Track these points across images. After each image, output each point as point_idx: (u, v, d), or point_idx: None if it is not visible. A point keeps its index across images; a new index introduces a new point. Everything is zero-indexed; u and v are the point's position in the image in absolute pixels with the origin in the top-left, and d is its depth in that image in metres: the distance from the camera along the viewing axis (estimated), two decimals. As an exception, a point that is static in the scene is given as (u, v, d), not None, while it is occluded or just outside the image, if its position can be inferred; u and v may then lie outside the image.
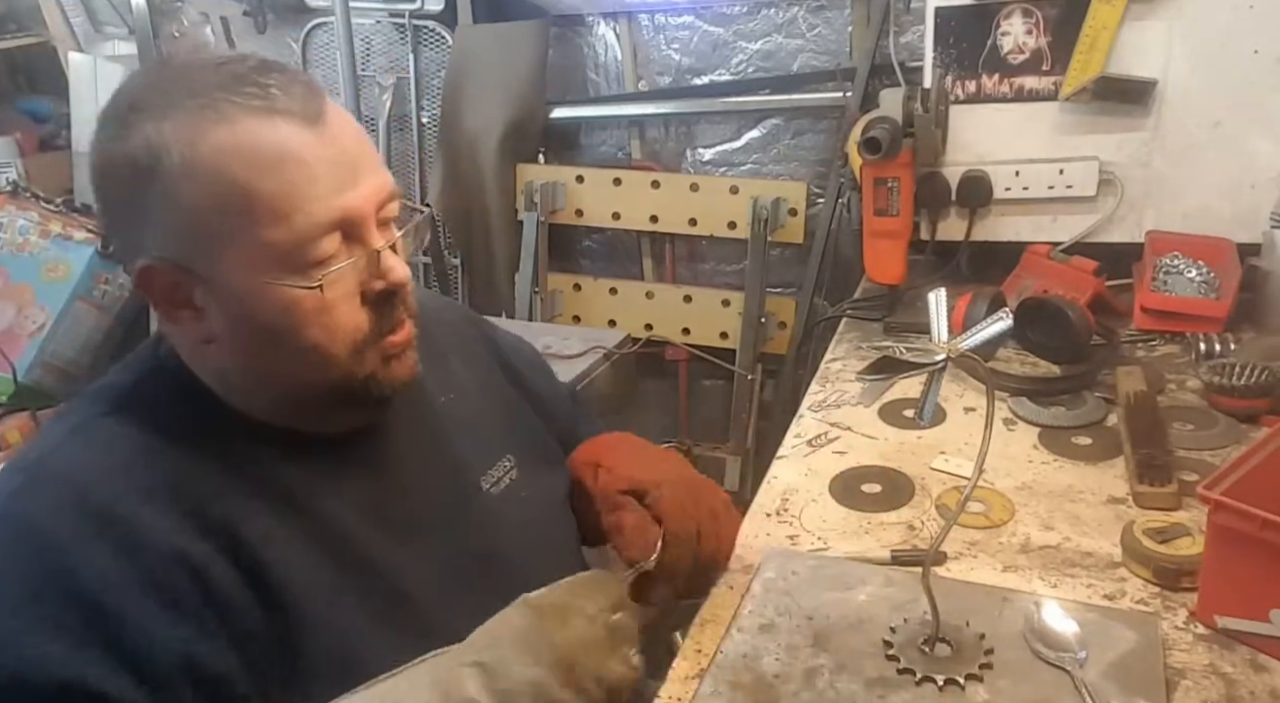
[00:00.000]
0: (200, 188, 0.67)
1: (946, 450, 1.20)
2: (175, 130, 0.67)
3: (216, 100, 0.67)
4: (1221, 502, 0.81)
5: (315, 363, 0.73)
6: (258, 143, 0.68)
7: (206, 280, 0.70)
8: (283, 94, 0.69)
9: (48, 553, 0.66)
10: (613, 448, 1.03)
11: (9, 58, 2.83)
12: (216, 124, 0.67)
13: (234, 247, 0.68)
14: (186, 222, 0.68)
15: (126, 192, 0.69)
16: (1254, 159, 1.51)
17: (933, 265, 1.73)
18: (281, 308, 0.70)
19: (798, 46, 2.18)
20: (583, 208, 2.44)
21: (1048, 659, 0.83)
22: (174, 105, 0.67)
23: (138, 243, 0.70)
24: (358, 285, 0.74)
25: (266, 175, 0.67)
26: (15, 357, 2.36)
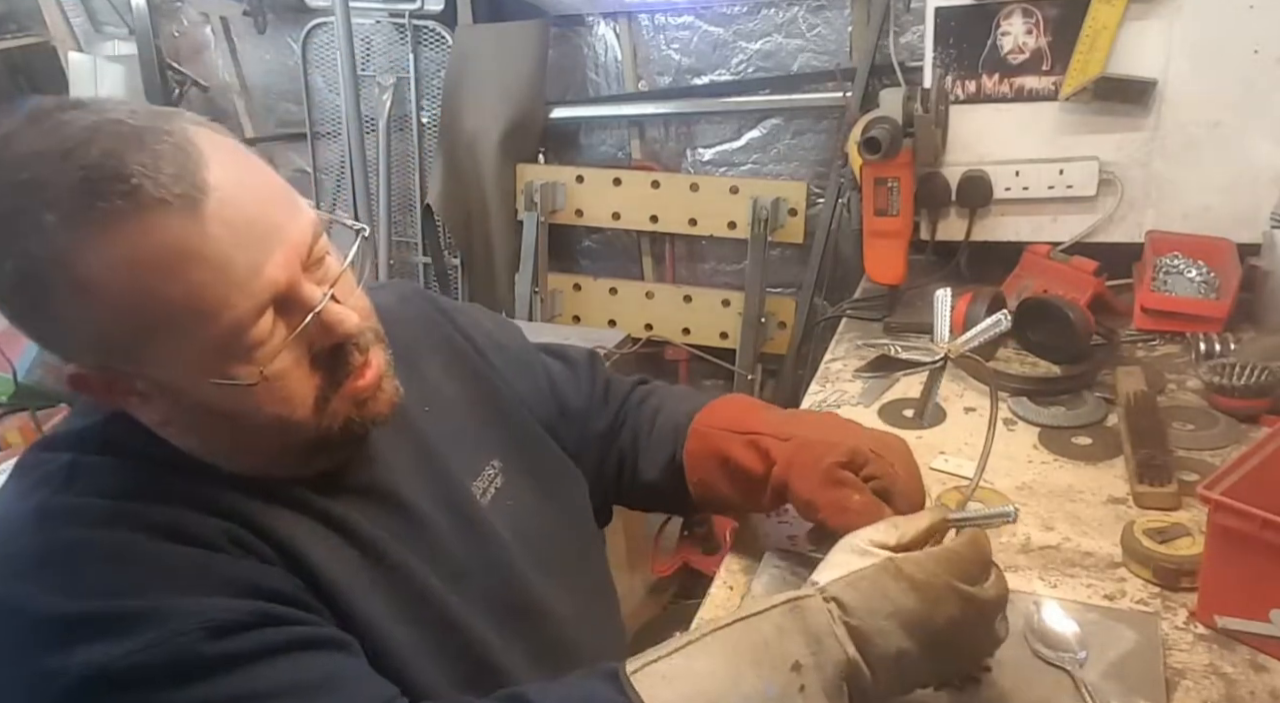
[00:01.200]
0: (100, 307, 0.60)
1: (946, 450, 1.20)
2: (48, 252, 0.58)
3: (81, 210, 0.58)
4: (1221, 502, 0.81)
5: (281, 430, 0.69)
6: (144, 248, 0.59)
7: (142, 376, 0.65)
8: (149, 181, 0.59)
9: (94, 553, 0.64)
10: (754, 414, 0.96)
11: (9, 58, 2.83)
12: (90, 238, 0.58)
13: (160, 351, 0.62)
14: (101, 334, 0.62)
15: (22, 314, 0.63)
16: (1254, 159, 1.51)
17: (933, 265, 1.73)
18: (227, 397, 0.65)
19: (798, 46, 2.18)
20: (583, 208, 2.44)
21: (1048, 659, 0.83)
22: (34, 223, 0.58)
23: (60, 352, 0.65)
24: (305, 349, 0.68)
25: (168, 281, 0.60)
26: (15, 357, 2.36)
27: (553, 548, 0.93)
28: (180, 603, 0.62)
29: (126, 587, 0.63)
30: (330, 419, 0.71)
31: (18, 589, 0.63)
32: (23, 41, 2.76)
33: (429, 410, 0.88)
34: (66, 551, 0.64)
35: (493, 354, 0.99)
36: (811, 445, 0.88)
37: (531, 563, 0.88)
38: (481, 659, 0.79)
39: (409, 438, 0.84)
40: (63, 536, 0.65)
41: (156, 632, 0.61)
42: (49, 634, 0.61)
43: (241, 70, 2.76)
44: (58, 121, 0.61)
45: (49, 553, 0.64)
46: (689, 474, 0.97)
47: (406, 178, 2.63)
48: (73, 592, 0.62)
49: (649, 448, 1.01)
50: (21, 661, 0.61)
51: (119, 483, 0.68)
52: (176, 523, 0.66)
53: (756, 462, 0.92)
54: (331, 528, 0.74)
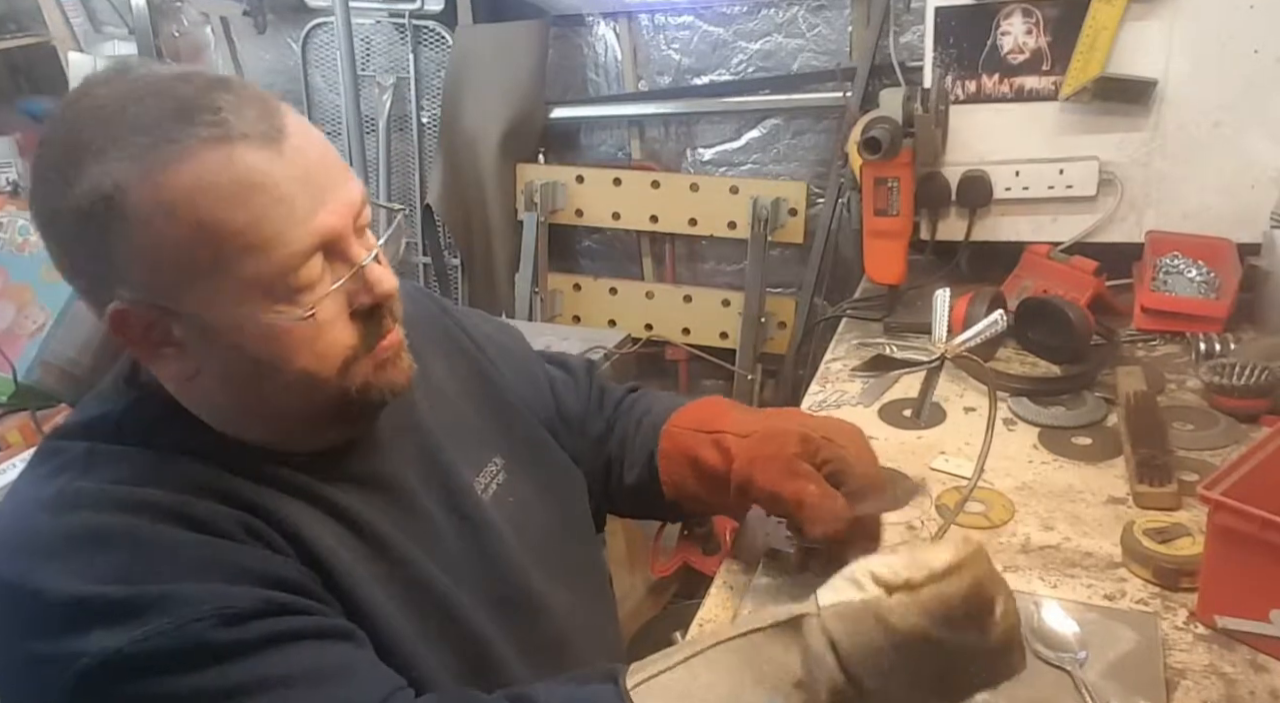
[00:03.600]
0: (167, 230, 0.63)
1: (946, 450, 1.20)
2: (129, 172, 0.62)
3: (168, 133, 0.62)
4: (1221, 502, 0.81)
5: (306, 388, 0.71)
6: (221, 176, 0.63)
7: (185, 316, 0.67)
8: (236, 117, 0.64)
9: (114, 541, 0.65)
10: (722, 413, 0.97)
11: (9, 58, 2.83)
12: (172, 160, 0.62)
13: (213, 283, 0.65)
14: (157, 263, 0.64)
15: (83, 240, 0.65)
16: (1254, 159, 1.51)
17: (933, 265, 1.73)
18: (270, 338, 0.68)
19: (798, 46, 2.18)
20: (583, 208, 2.44)
21: (1048, 660, 0.83)
22: (121, 144, 0.62)
23: (104, 287, 0.66)
24: (345, 303, 0.71)
25: (236, 208, 0.63)
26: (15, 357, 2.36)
27: (552, 545, 0.93)
28: (194, 589, 0.63)
29: (142, 572, 0.63)
30: (352, 380, 0.72)
31: (37, 571, 0.64)
32: (23, 41, 2.76)
33: (433, 407, 0.89)
34: (84, 535, 0.65)
35: (496, 356, 1.00)
36: (766, 439, 0.90)
37: (531, 559, 0.88)
38: (482, 653, 0.80)
39: (413, 431, 0.85)
40: (81, 520, 0.65)
41: (170, 617, 0.61)
42: (65, 617, 0.62)
43: (241, 70, 2.76)
44: (149, 70, 0.66)
45: (67, 537, 0.65)
46: (662, 475, 0.98)
47: (406, 178, 2.63)
48: (89, 576, 0.63)
49: (632, 451, 1.02)
50: (37, 642, 0.62)
51: (135, 470, 0.69)
52: (191, 511, 0.67)
53: (720, 460, 0.92)
54: (338, 518, 0.75)
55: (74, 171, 0.63)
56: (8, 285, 2.43)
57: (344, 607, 0.71)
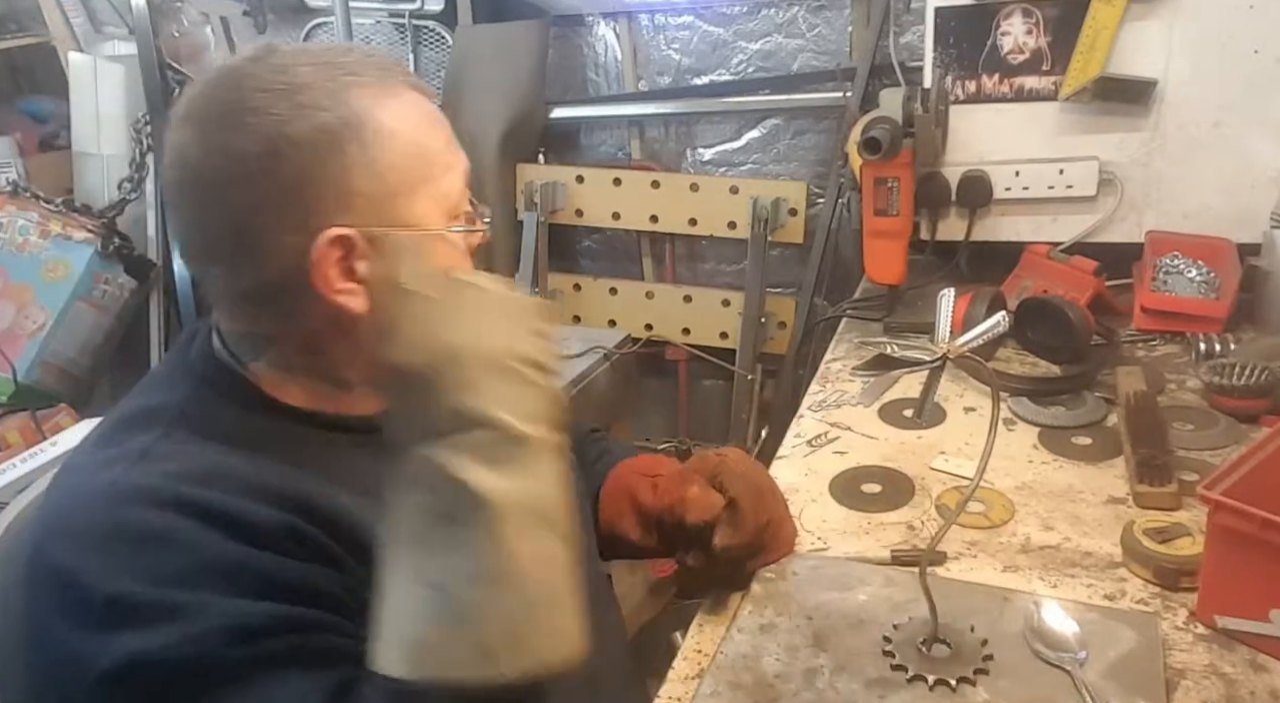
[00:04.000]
0: (394, 149, 0.74)
1: (946, 450, 1.20)
2: (360, 101, 0.73)
3: (381, 77, 0.76)
4: (1221, 502, 0.81)
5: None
6: (421, 109, 0.78)
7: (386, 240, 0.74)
8: (413, 76, 0.80)
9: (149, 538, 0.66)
10: (664, 462, 1.05)
11: (9, 58, 2.83)
12: (389, 96, 0.75)
13: (419, 199, 0.76)
14: (381, 181, 0.73)
15: (312, 163, 0.71)
16: (1254, 159, 1.51)
17: (933, 265, 1.73)
18: (447, 256, 0.78)
19: (798, 46, 2.18)
20: (582, 208, 2.44)
21: (1048, 659, 0.83)
22: (344, 83, 0.73)
23: (311, 220, 0.72)
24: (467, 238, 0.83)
25: (433, 135, 0.78)
26: (15, 357, 2.36)
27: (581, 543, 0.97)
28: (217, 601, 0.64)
29: (175, 576, 0.64)
30: None
31: (79, 561, 0.65)
32: (22, 41, 2.75)
33: None
34: (132, 532, 0.66)
35: None
36: (683, 471, 1.00)
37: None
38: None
39: None
40: (131, 516, 0.67)
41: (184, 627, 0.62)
42: (100, 614, 0.63)
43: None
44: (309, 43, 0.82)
45: (116, 531, 0.66)
46: (601, 512, 1.04)
47: (406, 178, 2.63)
48: (129, 574, 0.64)
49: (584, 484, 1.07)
50: (71, 632, 0.64)
51: (189, 466, 0.70)
52: (241, 516, 0.67)
53: (653, 499, 1.00)
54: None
55: (304, 104, 0.71)
56: (8, 285, 2.43)
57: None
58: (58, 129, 2.79)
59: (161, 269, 2.57)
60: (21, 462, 1.71)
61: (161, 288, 2.59)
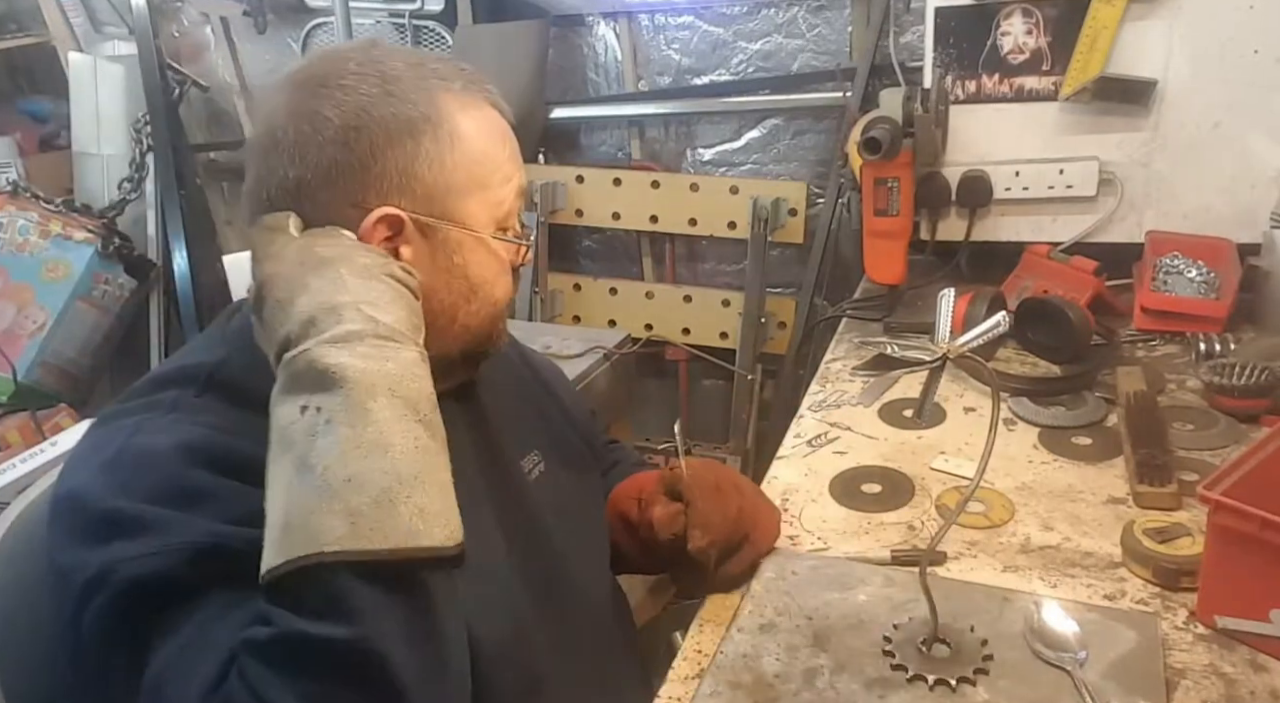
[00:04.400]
0: (463, 149, 0.80)
1: (946, 450, 1.20)
2: (447, 103, 0.80)
3: (468, 87, 0.83)
4: (1221, 502, 0.81)
5: (490, 316, 0.86)
6: (495, 123, 0.84)
7: (433, 230, 0.80)
8: (496, 92, 0.86)
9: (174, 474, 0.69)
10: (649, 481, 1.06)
11: (9, 58, 2.83)
12: (471, 106, 0.82)
13: (472, 201, 0.82)
14: (443, 175, 0.80)
15: (389, 142, 0.77)
16: (1254, 159, 1.51)
17: (933, 265, 1.73)
18: (486, 261, 0.83)
19: (798, 46, 2.18)
20: (583, 208, 2.44)
21: (1048, 659, 0.83)
22: (431, 87, 0.80)
23: (368, 195, 0.78)
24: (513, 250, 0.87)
25: (500, 147, 0.84)
26: (15, 357, 2.36)
27: (588, 536, 1.01)
28: (196, 522, 0.67)
29: (169, 496, 0.68)
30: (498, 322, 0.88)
31: (87, 483, 0.71)
32: (23, 41, 2.76)
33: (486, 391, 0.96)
34: (141, 457, 0.71)
35: (554, 384, 1.13)
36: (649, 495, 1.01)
37: (571, 546, 0.95)
38: (520, 626, 0.85)
39: (470, 401, 0.93)
40: (144, 444, 0.72)
41: (165, 540, 0.65)
42: (91, 528, 0.68)
43: (241, 70, 2.76)
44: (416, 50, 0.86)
45: (125, 455, 0.71)
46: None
47: (406, 178, 2.63)
48: (128, 492, 0.68)
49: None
50: (67, 549, 0.69)
51: (211, 420, 0.75)
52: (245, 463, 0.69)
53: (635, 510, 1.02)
54: None
55: (397, 92, 0.78)
56: (8, 285, 2.43)
57: None
58: (58, 129, 2.79)
59: (161, 269, 2.57)
60: (21, 462, 1.71)
61: (161, 288, 2.59)
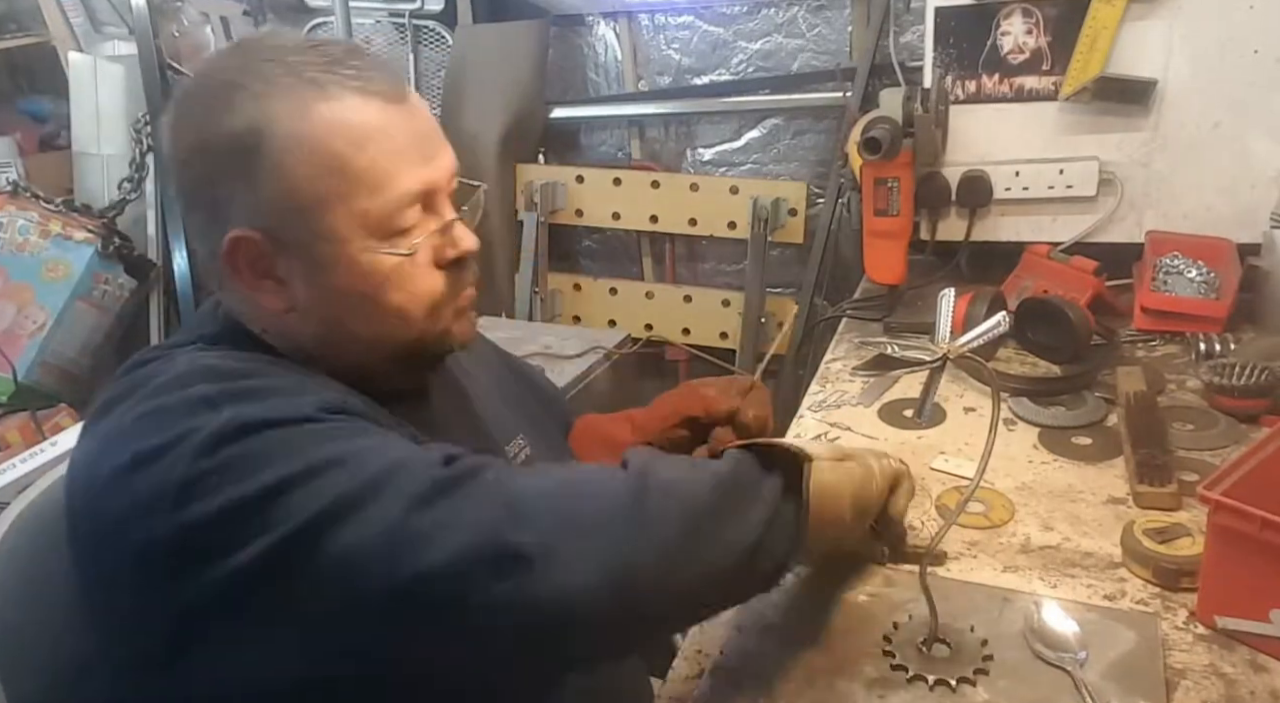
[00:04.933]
0: (304, 160, 0.72)
1: (946, 451, 1.20)
2: (281, 106, 0.71)
3: (318, 79, 0.73)
4: (1221, 502, 0.81)
5: (395, 325, 0.78)
6: (356, 119, 0.73)
7: (296, 248, 0.74)
8: (373, 74, 0.75)
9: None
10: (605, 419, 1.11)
11: (9, 58, 2.83)
12: (319, 101, 0.72)
13: (331, 215, 0.73)
14: (287, 192, 0.72)
15: (223, 168, 0.72)
16: (1254, 159, 1.51)
17: (933, 265, 1.73)
18: (369, 274, 0.75)
19: (798, 46, 2.18)
20: (582, 208, 2.44)
21: (1048, 659, 0.83)
22: (275, 83, 0.72)
23: (224, 217, 0.74)
24: (433, 253, 0.79)
25: (363, 149, 0.73)
26: (15, 357, 2.36)
27: None
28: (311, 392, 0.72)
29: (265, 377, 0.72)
30: (434, 325, 0.81)
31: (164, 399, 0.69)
32: (22, 41, 2.75)
33: (470, 380, 0.97)
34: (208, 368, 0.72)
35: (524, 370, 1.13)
36: (658, 405, 1.06)
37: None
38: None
39: (456, 390, 0.93)
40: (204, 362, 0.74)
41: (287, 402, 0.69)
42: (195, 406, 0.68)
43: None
44: (298, 33, 0.84)
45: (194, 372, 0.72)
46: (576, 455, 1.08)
47: (406, 178, 2.63)
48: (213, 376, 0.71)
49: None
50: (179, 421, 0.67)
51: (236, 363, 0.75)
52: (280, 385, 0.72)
53: (629, 431, 1.05)
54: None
55: (229, 106, 0.71)
56: (8, 285, 2.43)
57: None
58: (58, 129, 2.79)
59: (161, 269, 2.56)
60: (21, 462, 1.71)
61: (161, 288, 2.58)
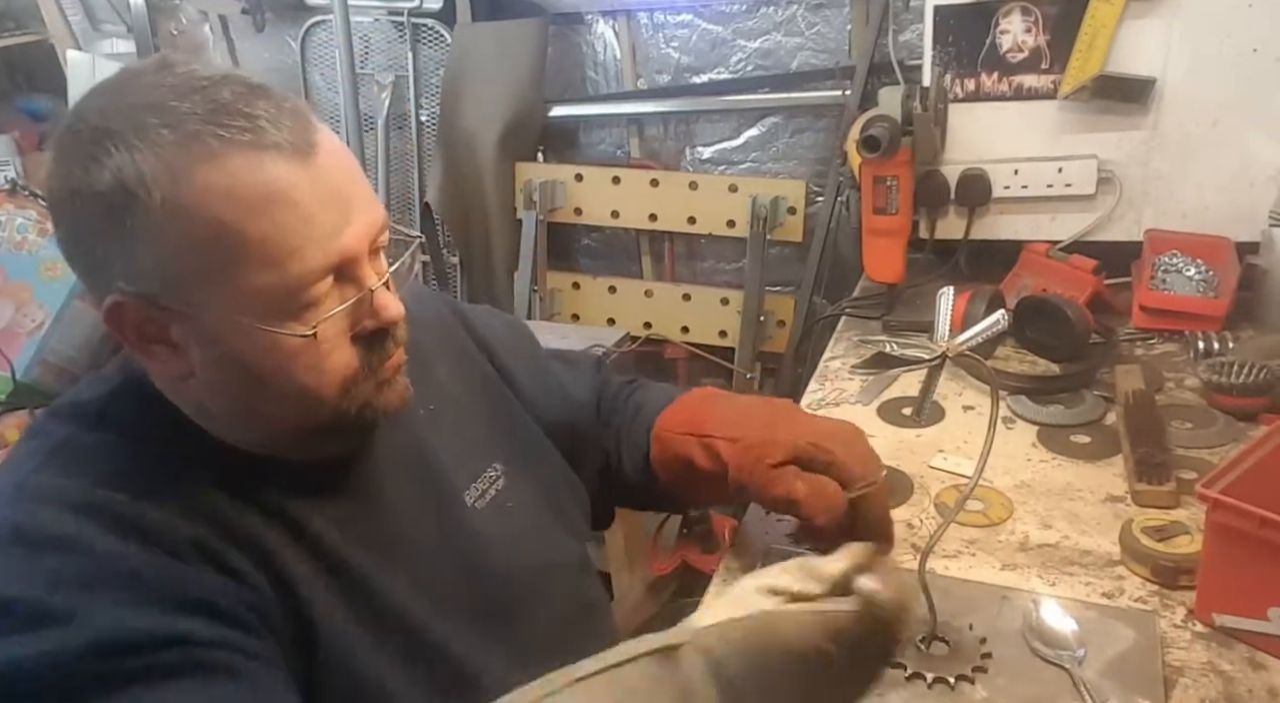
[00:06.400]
0: (184, 229, 0.62)
1: (945, 449, 1.21)
2: (155, 166, 0.61)
3: (200, 134, 0.62)
4: (1220, 500, 0.81)
5: (303, 404, 0.70)
6: (248, 182, 0.62)
7: (184, 316, 0.66)
8: (271, 126, 0.63)
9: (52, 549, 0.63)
10: (710, 412, 0.97)
11: (7, 56, 2.83)
12: (201, 161, 0.62)
13: (219, 289, 0.64)
14: (165, 261, 0.63)
15: (95, 226, 0.64)
16: (1252, 157, 1.51)
17: (932, 264, 1.73)
18: (268, 351, 0.67)
19: (797, 45, 2.18)
20: (582, 206, 2.44)
21: (1046, 657, 0.83)
22: (150, 138, 0.62)
23: (106, 277, 0.65)
24: (349, 325, 0.70)
25: (257, 217, 0.63)
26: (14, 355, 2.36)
27: (549, 552, 0.93)
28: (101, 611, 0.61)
29: (69, 580, 0.62)
30: (350, 402, 0.72)
31: None
32: (20, 39, 2.75)
33: (433, 409, 0.88)
34: (29, 535, 0.64)
35: (505, 357, 1.00)
36: (753, 448, 0.90)
37: (527, 565, 0.88)
38: (458, 667, 0.78)
39: (408, 442, 0.84)
40: (33, 518, 0.64)
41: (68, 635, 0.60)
42: None
43: (240, 68, 2.76)
44: (189, 68, 0.66)
45: (14, 534, 0.64)
46: (661, 476, 0.99)
47: (405, 176, 2.63)
48: (24, 578, 0.62)
49: (629, 449, 1.03)
50: None
51: (102, 467, 0.68)
52: (144, 521, 0.65)
53: (712, 463, 0.94)
54: (305, 541, 0.73)
55: (100, 157, 0.62)
56: (6, 283, 2.43)
57: (304, 630, 0.70)
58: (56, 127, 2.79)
59: (160, 268, 2.56)
60: (20, 460, 1.71)
61: (160, 286, 2.58)
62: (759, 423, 0.93)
